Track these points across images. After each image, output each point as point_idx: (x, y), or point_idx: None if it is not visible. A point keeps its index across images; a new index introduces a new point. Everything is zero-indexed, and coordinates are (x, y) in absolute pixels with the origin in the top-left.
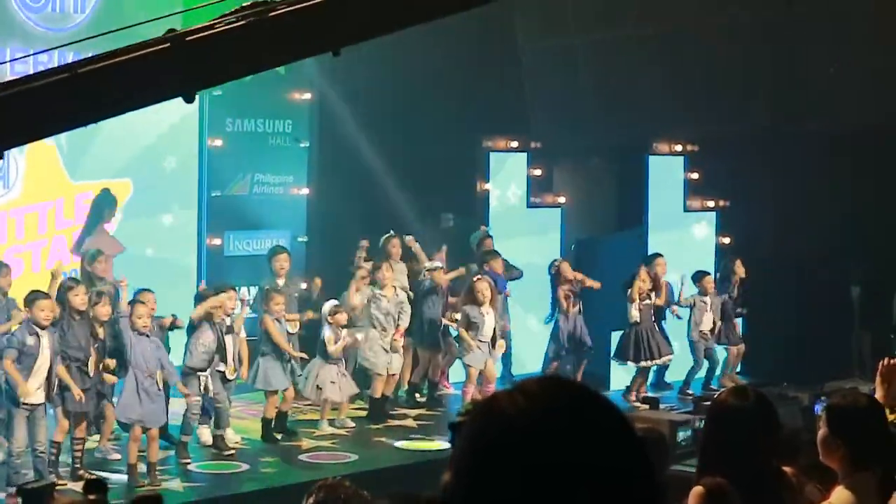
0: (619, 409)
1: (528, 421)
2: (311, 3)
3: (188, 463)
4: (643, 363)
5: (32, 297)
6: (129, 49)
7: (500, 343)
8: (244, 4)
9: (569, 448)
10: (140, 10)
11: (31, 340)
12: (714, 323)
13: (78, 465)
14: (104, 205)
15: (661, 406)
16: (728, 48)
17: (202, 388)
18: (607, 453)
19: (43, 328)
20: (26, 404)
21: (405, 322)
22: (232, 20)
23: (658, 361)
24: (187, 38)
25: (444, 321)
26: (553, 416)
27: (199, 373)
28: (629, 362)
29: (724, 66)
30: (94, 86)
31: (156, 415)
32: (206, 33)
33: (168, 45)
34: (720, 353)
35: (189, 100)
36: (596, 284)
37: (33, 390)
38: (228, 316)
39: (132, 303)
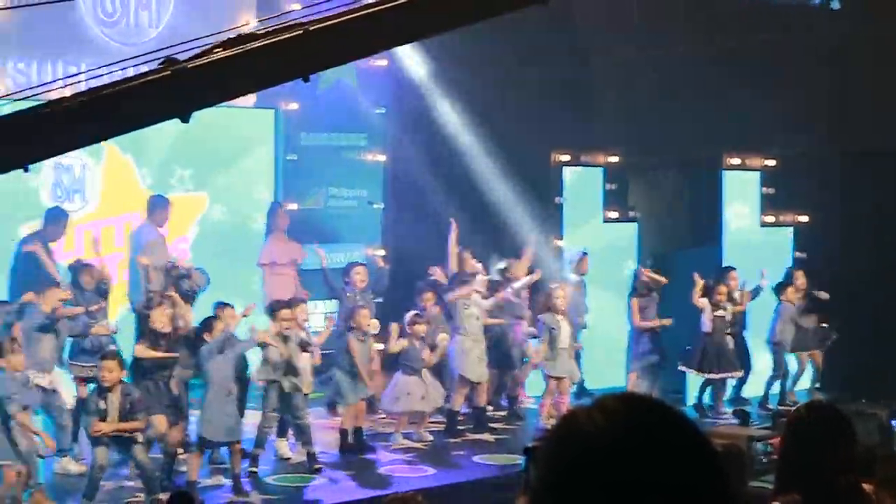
0: (697, 427)
1: (607, 439)
2: (288, 36)
3: (255, 474)
4: (708, 374)
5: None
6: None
7: (571, 350)
8: (230, 38)
9: (647, 465)
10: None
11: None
12: (792, 331)
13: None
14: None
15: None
16: (804, 65)
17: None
18: (685, 471)
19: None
20: None
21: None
22: (220, 51)
23: (719, 375)
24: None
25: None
26: (632, 433)
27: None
28: (693, 371)
29: (801, 84)
30: (106, 108)
31: (235, 430)
32: (201, 61)
33: (168, 72)
34: (793, 363)
35: (185, 120)
36: (649, 324)
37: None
38: (302, 330)
39: (210, 318)
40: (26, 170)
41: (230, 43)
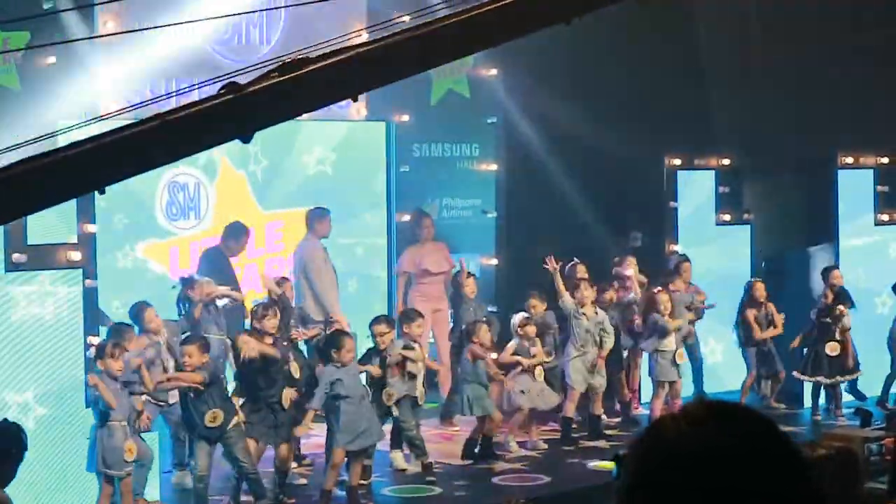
0: (784, 433)
1: (690, 446)
2: (337, 59)
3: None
4: (819, 378)
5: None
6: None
7: (680, 352)
8: (285, 62)
9: (730, 472)
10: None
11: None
12: None
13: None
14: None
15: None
16: None
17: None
18: (770, 478)
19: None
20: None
21: (609, 343)
22: (276, 75)
23: (832, 380)
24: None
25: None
26: (716, 440)
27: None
28: (806, 377)
29: None
30: (174, 132)
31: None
32: (259, 86)
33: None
34: None
35: (246, 141)
36: (767, 334)
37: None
38: (415, 342)
39: (335, 334)
40: (102, 192)
41: (285, 68)
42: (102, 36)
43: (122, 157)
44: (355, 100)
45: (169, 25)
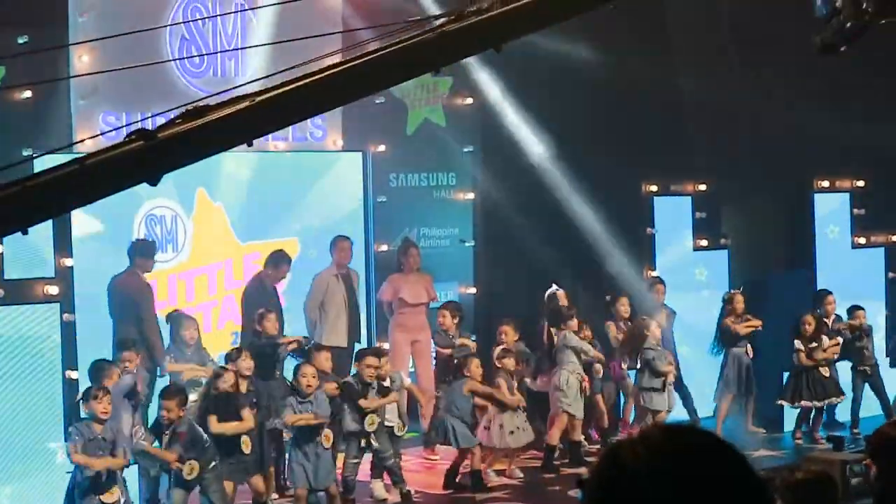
0: (745, 457)
1: (646, 470)
2: (237, 108)
3: None
4: (803, 403)
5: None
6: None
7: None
8: (188, 110)
9: (686, 497)
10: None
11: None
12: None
13: None
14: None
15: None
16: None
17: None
18: (726, 501)
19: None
20: None
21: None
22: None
23: (819, 403)
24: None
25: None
26: (672, 465)
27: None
28: (788, 404)
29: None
30: (89, 177)
31: (326, 475)
32: (166, 132)
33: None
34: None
35: (153, 184)
36: (746, 328)
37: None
38: (380, 378)
39: (301, 364)
40: (25, 233)
41: (188, 115)
42: (78, 76)
43: (41, 201)
44: (250, 144)
45: (140, 65)
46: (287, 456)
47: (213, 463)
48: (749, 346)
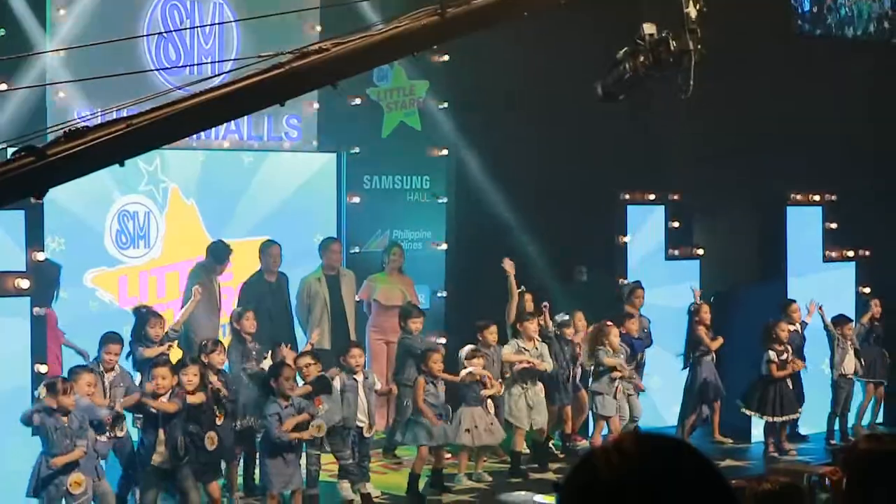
0: (716, 467)
1: (618, 478)
2: (114, 129)
3: None
4: (767, 417)
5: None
6: None
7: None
8: (69, 130)
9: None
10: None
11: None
12: (856, 365)
13: None
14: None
15: (799, 457)
16: (862, 99)
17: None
18: None
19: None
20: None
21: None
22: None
23: (782, 419)
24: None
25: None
26: (644, 473)
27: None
28: (753, 413)
29: (860, 118)
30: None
31: (297, 477)
32: (55, 150)
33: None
34: (858, 395)
35: (39, 197)
36: (716, 344)
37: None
38: (354, 372)
39: (278, 365)
40: (38, 198)
41: (70, 135)
42: (58, 84)
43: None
44: (122, 164)
45: (117, 75)
46: (258, 458)
47: (187, 457)
48: (714, 355)
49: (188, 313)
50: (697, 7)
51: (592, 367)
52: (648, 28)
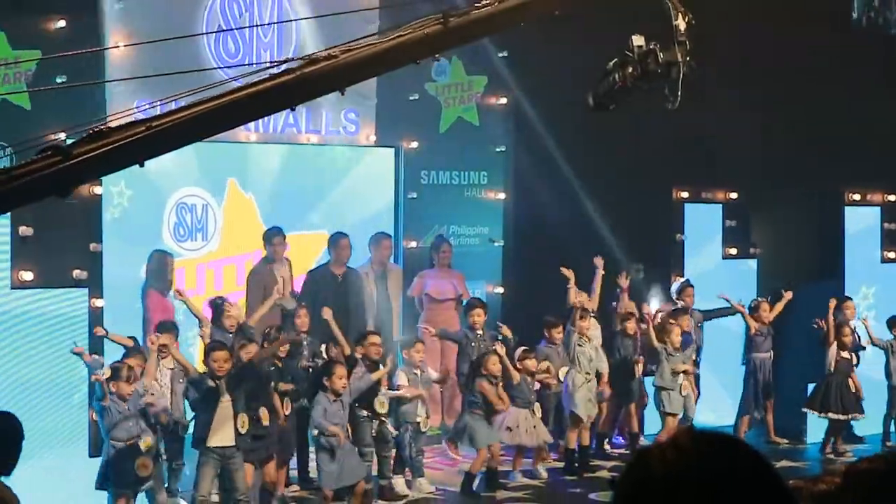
0: (772, 465)
1: (674, 475)
2: (134, 132)
3: None
4: (830, 415)
5: (209, 349)
6: None
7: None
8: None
9: (711, 502)
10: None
11: (211, 383)
12: None
13: None
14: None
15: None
16: None
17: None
18: None
19: (219, 378)
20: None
21: (605, 369)
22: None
23: (844, 417)
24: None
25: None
26: (700, 470)
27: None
28: (816, 413)
29: None
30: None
31: (353, 471)
32: (81, 149)
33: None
34: None
35: (64, 197)
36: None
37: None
38: (417, 368)
39: (329, 363)
40: (141, 164)
41: (94, 136)
42: (110, 47)
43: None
44: (141, 165)
45: (171, 73)
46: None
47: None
48: (772, 353)
49: (266, 309)
50: (686, 20)
51: (656, 366)
52: (637, 39)
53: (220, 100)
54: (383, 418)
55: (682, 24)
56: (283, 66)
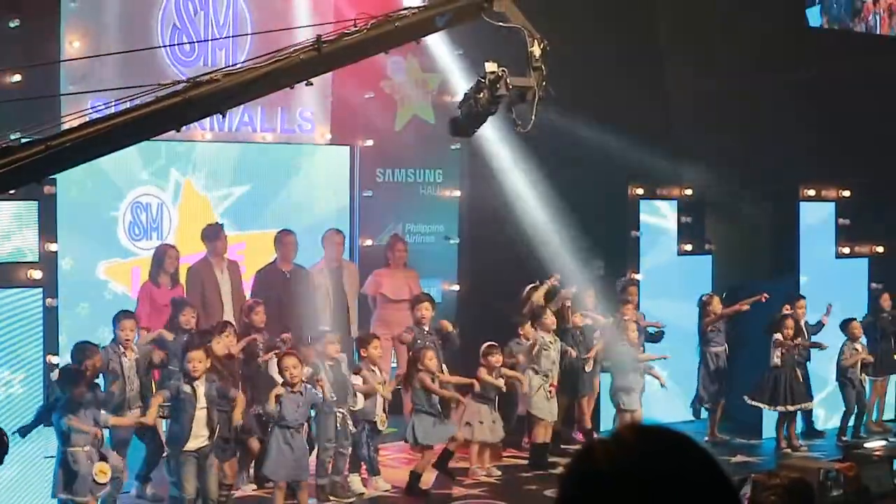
0: (716, 460)
1: (616, 469)
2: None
3: None
4: (778, 407)
5: (184, 349)
6: None
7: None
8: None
9: (655, 498)
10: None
11: (186, 389)
12: (866, 364)
13: None
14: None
15: (810, 453)
16: (879, 95)
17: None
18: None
19: (195, 379)
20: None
21: (556, 370)
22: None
23: (793, 408)
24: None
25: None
26: (642, 465)
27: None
28: (763, 405)
29: (876, 112)
30: None
31: (302, 468)
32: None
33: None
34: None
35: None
36: (745, 306)
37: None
38: (373, 365)
39: (282, 355)
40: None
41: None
42: (68, 60)
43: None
44: (40, 184)
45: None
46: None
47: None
48: (727, 346)
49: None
50: (542, 46)
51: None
52: (490, 66)
53: (105, 123)
54: (345, 413)
55: (536, 50)
56: (170, 89)
